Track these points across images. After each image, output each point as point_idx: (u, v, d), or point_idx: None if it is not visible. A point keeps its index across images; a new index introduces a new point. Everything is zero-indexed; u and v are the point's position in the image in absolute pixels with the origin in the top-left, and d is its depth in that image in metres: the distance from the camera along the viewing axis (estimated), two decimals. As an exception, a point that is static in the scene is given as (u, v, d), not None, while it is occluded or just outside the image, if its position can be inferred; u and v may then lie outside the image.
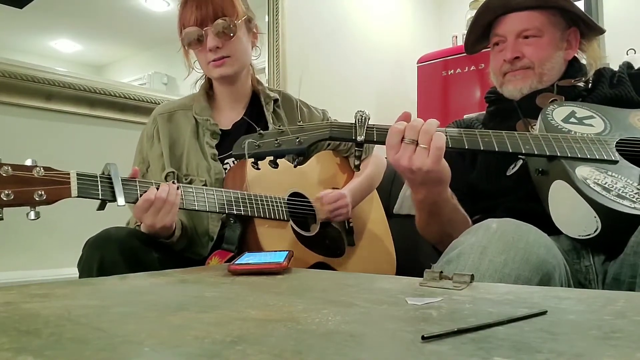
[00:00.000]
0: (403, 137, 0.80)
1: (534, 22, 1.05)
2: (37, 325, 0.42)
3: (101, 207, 0.90)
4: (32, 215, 0.80)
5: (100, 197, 0.87)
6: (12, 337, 0.38)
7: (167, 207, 0.95)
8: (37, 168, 0.81)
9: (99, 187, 0.87)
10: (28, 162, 0.81)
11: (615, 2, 2.52)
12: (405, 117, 0.84)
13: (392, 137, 0.81)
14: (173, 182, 0.99)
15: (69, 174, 0.84)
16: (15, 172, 0.78)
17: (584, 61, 1.14)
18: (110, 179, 0.89)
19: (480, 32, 1.16)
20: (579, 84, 1.08)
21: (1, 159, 0.78)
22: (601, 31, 1.12)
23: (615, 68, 1.12)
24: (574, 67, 1.11)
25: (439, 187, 0.85)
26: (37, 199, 0.79)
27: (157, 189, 0.95)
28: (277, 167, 0.87)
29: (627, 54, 2.38)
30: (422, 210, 0.93)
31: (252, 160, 0.87)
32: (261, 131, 0.86)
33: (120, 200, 0.88)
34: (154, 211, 0.94)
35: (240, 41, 1.17)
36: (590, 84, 1.08)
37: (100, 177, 0.88)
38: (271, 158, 0.86)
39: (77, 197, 0.84)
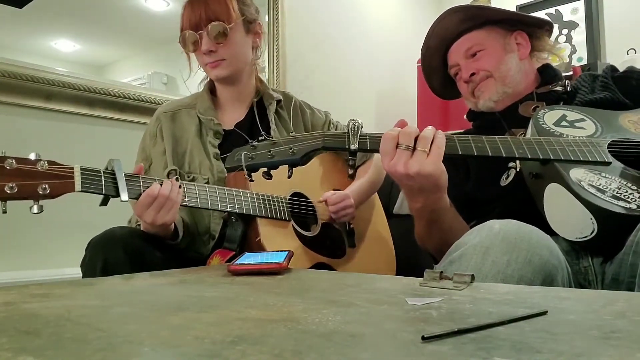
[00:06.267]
0: (398, 144, 0.79)
1: (472, 40, 1.13)
2: (37, 325, 0.42)
3: (104, 202, 0.89)
4: (35, 209, 0.79)
5: (103, 192, 0.87)
6: (12, 337, 0.38)
7: (169, 204, 0.94)
8: (41, 162, 0.80)
9: (103, 182, 0.87)
10: (32, 156, 0.80)
11: (615, 2, 2.52)
12: (401, 124, 0.83)
13: (386, 144, 0.80)
14: (176, 179, 0.99)
15: (72, 168, 0.84)
16: (20, 166, 0.77)
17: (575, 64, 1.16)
18: (114, 174, 0.89)
19: (441, 74, 1.23)
20: (556, 88, 1.10)
21: (5, 152, 0.77)
22: (543, 23, 1.16)
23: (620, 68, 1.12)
24: (548, 74, 1.14)
25: (437, 193, 0.83)
26: (40, 192, 0.79)
27: (161, 185, 0.94)
28: (270, 179, 0.86)
29: (628, 54, 2.38)
30: (421, 219, 0.92)
31: (246, 172, 0.86)
32: (253, 143, 0.85)
33: (124, 195, 0.88)
34: (155, 207, 0.93)
35: (235, 44, 1.16)
36: (569, 87, 1.09)
37: (104, 172, 0.88)
38: (264, 169, 0.85)
39: (81, 191, 0.84)
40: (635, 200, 0.77)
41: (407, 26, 2.89)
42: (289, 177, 0.86)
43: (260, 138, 0.86)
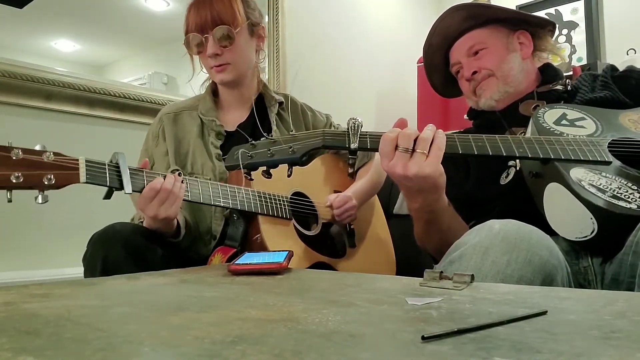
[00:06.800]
0: (397, 146, 0.79)
1: (475, 38, 1.13)
2: (37, 325, 0.42)
3: (108, 195, 0.90)
4: (40, 199, 0.80)
5: (108, 184, 0.87)
6: (12, 337, 0.38)
7: (172, 198, 0.94)
8: (47, 153, 0.81)
9: (107, 174, 0.88)
10: (37, 147, 0.81)
11: (615, 2, 2.52)
12: (401, 123, 0.83)
13: (385, 145, 0.79)
14: (179, 174, 0.99)
15: (77, 160, 0.85)
16: (26, 156, 0.79)
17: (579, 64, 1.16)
18: (118, 167, 0.90)
19: (442, 71, 1.23)
20: (557, 87, 1.10)
21: (12, 142, 0.78)
22: (546, 23, 1.16)
23: (619, 68, 1.12)
24: (549, 73, 1.14)
25: (435, 194, 0.83)
26: (46, 182, 0.80)
27: (164, 179, 0.95)
28: (270, 177, 0.86)
29: (627, 54, 2.38)
30: (419, 220, 0.92)
31: (245, 171, 0.85)
32: (253, 141, 0.85)
33: (128, 188, 0.89)
34: (158, 201, 0.93)
35: (240, 48, 1.17)
36: (569, 86, 1.10)
37: (108, 165, 0.89)
38: (264, 168, 0.85)
39: (85, 182, 0.85)
40: (636, 200, 0.77)
41: (407, 26, 2.89)
42: (289, 176, 0.85)
43: (262, 140, 0.86)
